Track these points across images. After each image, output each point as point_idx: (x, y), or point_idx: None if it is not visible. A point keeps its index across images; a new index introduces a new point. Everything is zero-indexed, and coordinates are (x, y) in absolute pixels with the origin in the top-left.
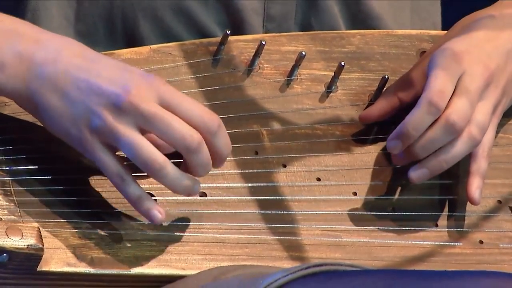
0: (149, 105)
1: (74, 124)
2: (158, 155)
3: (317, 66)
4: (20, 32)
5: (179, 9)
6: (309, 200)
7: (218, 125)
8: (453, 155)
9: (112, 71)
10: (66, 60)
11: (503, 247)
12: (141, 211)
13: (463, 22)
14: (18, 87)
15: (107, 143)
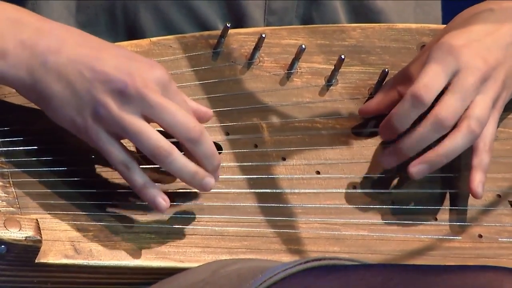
0: (155, 93)
1: (79, 113)
2: (164, 142)
3: (317, 59)
4: (24, 21)
5: (180, 2)
6: (308, 193)
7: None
8: (452, 149)
9: (117, 59)
10: (70, 49)
11: (502, 241)
12: (146, 198)
13: (462, 15)
14: (21, 76)
15: (112, 131)
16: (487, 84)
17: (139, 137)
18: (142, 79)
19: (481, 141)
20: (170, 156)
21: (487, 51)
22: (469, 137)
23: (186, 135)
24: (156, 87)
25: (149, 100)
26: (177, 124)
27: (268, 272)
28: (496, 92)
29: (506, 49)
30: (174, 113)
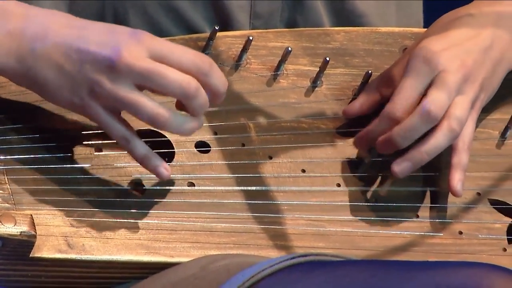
0: (143, 62)
1: (75, 94)
2: (160, 108)
3: (302, 61)
4: (8, 11)
5: (168, 6)
6: (294, 191)
7: (210, 65)
8: (433, 147)
9: (100, 35)
10: (55, 33)
11: (482, 237)
12: (149, 168)
13: (443, 20)
14: (12, 65)
15: (110, 106)
16: (466, 86)
17: (135, 108)
18: (127, 50)
19: (460, 141)
20: (168, 120)
21: (466, 55)
22: (449, 136)
23: (181, 93)
24: (143, 54)
25: (137, 69)
26: (169, 85)
27: (255, 267)
28: (475, 93)
29: (485, 53)
30: (165, 75)
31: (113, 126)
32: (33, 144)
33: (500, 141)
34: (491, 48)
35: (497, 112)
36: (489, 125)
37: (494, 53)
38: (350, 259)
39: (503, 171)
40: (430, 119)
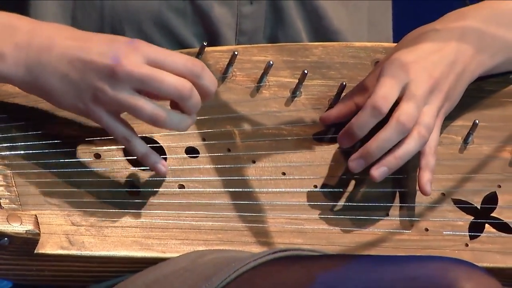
0: (141, 68)
1: (80, 100)
2: (158, 108)
3: (283, 74)
4: (15, 25)
5: (161, 23)
6: (275, 192)
7: (202, 67)
8: (406, 152)
9: (101, 45)
10: (60, 44)
11: (446, 234)
12: (149, 164)
13: (411, 35)
14: (21, 75)
15: (112, 110)
16: (433, 96)
17: (136, 110)
18: (126, 58)
19: (427, 145)
20: (166, 118)
21: (433, 67)
22: (420, 142)
23: (177, 95)
24: (140, 61)
25: (136, 75)
26: (166, 88)
27: (240, 261)
28: (441, 102)
29: (450, 66)
30: (161, 79)
31: (116, 128)
32: (38, 150)
33: (462, 146)
34: (455, 62)
35: (460, 120)
36: (453, 131)
37: (458, 67)
38: (326, 253)
39: (465, 173)
40: (403, 130)
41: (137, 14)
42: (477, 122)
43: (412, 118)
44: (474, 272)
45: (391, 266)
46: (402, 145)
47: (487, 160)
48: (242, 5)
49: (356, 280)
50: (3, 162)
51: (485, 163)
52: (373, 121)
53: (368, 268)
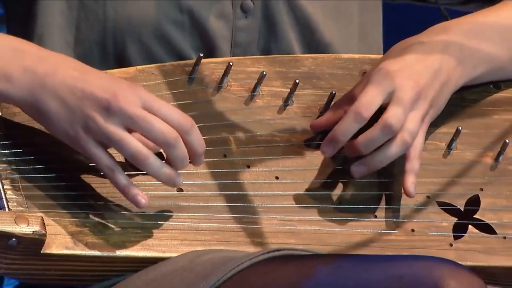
0: (134, 108)
1: (72, 126)
2: (142, 148)
3: (276, 84)
4: (25, 50)
5: (160, 35)
6: (269, 195)
7: (191, 125)
8: (387, 155)
9: (103, 80)
10: (64, 73)
11: (431, 234)
12: (128, 197)
13: (398, 46)
14: (24, 96)
15: (99, 140)
16: (418, 102)
17: (120, 144)
18: (123, 96)
19: (413, 150)
20: (147, 160)
21: (418, 75)
22: (402, 146)
23: (163, 140)
24: (136, 103)
25: (129, 113)
26: (154, 131)
27: (236, 260)
28: (425, 109)
29: (434, 75)
30: (151, 122)
31: (101, 158)
32: (43, 156)
33: (446, 152)
34: (439, 71)
35: (444, 127)
36: (437, 137)
37: (442, 76)
38: (318, 253)
39: (449, 177)
40: (390, 131)
41: (138, 27)
42: (460, 129)
43: (400, 121)
44: (458, 270)
45: (379, 265)
46: (385, 149)
47: (470, 165)
48: (238, 19)
49: (346, 279)
50: (11, 167)
51: (468, 168)
52: (356, 126)
53: (358, 267)
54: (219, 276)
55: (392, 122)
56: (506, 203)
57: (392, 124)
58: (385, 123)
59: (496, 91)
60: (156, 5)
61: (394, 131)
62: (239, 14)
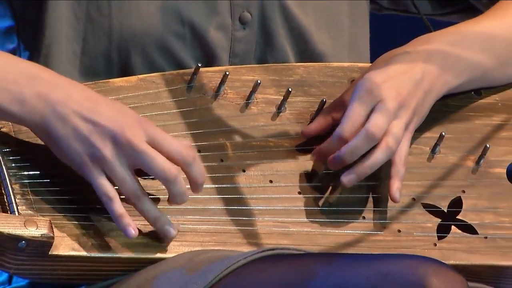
0: (140, 143)
1: (79, 153)
2: (139, 189)
3: (269, 91)
4: (40, 76)
5: (163, 46)
6: (263, 198)
7: (193, 158)
8: (374, 162)
9: (112, 112)
10: (75, 101)
11: (417, 235)
12: (120, 226)
13: (384, 57)
14: (35, 120)
15: (103, 169)
16: (401, 111)
17: (120, 182)
18: (130, 130)
19: (398, 156)
20: (140, 200)
21: (401, 86)
22: (387, 152)
23: (163, 177)
24: (142, 137)
25: (134, 147)
26: (155, 168)
27: (232, 259)
28: (409, 117)
29: (417, 84)
30: (154, 158)
31: (101, 185)
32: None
33: (430, 156)
34: (422, 81)
35: (428, 132)
36: (421, 142)
37: (425, 85)
38: (310, 252)
39: (433, 180)
40: (372, 139)
41: (141, 38)
42: (444, 134)
43: (381, 129)
44: (441, 268)
45: (366, 263)
46: (371, 156)
47: (453, 168)
48: (236, 30)
49: (335, 276)
50: (20, 174)
51: (451, 171)
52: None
53: (347, 265)
54: (216, 274)
55: (374, 130)
56: (487, 204)
57: (374, 132)
58: (368, 131)
59: (478, 98)
60: (159, 18)
61: (376, 138)
62: (238, 26)
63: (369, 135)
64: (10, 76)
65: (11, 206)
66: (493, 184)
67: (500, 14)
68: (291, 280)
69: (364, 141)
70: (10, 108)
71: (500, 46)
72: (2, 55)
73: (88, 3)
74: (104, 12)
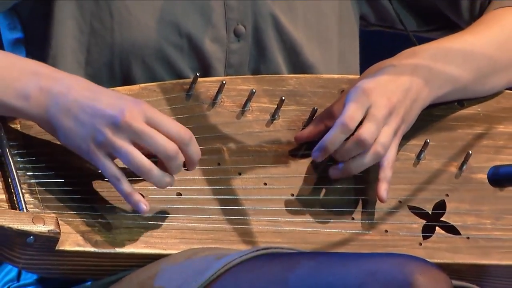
0: (139, 123)
1: (84, 140)
2: (145, 160)
3: (264, 100)
4: (41, 72)
5: (162, 57)
6: (258, 199)
7: (190, 137)
8: (359, 164)
9: (111, 99)
10: (76, 92)
11: (403, 235)
12: (131, 203)
13: (372, 68)
14: (40, 113)
15: (107, 153)
16: (391, 118)
17: (126, 157)
18: (130, 113)
19: (386, 161)
20: (150, 172)
21: (390, 93)
22: (374, 157)
23: (164, 153)
24: (141, 118)
25: (134, 128)
26: (156, 146)
27: (228, 257)
28: (397, 124)
29: (405, 92)
30: (154, 137)
31: (108, 168)
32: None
33: (416, 161)
34: (410, 90)
35: (414, 140)
36: (408, 149)
37: (412, 94)
38: (301, 251)
39: (418, 184)
40: (363, 145)
41: (142, 49)
42: (428, 141)
43: (372, 135)
44: (427, 267)
45: (355, 261)
46: (359, 158)
47: (437, 173)
48: (231, 42)
49: (326, 274)
50: (28, 173)
51: (435, 176)
52: (343, 136)
53: (336, 263)
54: (213, 271)
55: (366, 137)
56: (469, 207)
57: (365, 139)
58: (359, 138)
59: (460, 108)
60: (158, 31)
61: (367, 145)
62: (232, 38)
63: (360, 142)
64: (14, 73)
65: (20, 204)
66: (475, 189)
67: (479, 30)
68: (277, 275)
69: (355, 146)
70: (16, 103)
71: (479, 60)
72: (3, 54)
73: (92, 17)
74: (107, 25)
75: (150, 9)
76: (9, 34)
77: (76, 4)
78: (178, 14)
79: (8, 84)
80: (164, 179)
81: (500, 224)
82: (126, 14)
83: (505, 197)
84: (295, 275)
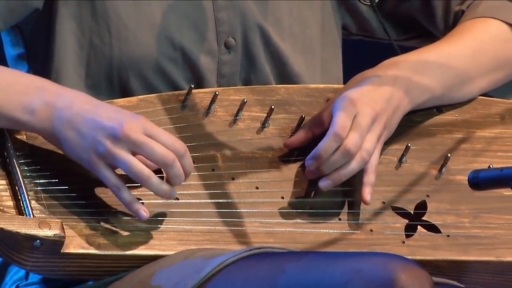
0: (138, 135)
1: (85, 151)
2: (145, 169)
3: (254, 109)
4: (46, 88)
5: (158, 70)
6: (251, 202)
7: (185, 150)
8: (348, 171)
9: (110, 112)
10: (78, 106)
11: (387, 234)
12: (132, 210)
13: (356, 78)
14: (45, 127)
15: (108, 163)
16: (374, 125)
17: (126, 166)
18: (128, 125)
19: (369, 165)
20: (149, 179)
21: (374, 102)
22: (361, 163)
23: (162, 161)
24: (139, 130)
25: (133, 139)
26: (154, 154)
27: (223, 256)
28: (380, 130)
29: (387, 101)
30: (152, 146)
31: (109, 177)
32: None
33: (398, 165)
34: (391, 99)
35: (396, 144)
36: (390, 153)
37: (394, 103)
38: (292, 250)
39: (401, 186)
40: (349, 155)
41: (139, 63)
42: (409, 145)
43: (357, 145)
44: (409, 265)
45: (341, 260)
46: (346, 165)
47: (418, 176)
48: (222, 54)
49: (314, 272)
50: (34, 181)
51: (416, 178)
52: (335, 145)
53: (324, 262)
54: (209, 270)
55: (351, 147)
56: (449, 207)
57: (350, 149)
58: (345, 148)
59: (439, 114)
60: (154, 45)
61: (352, 154)
62: (223, 50)
63: (345, 152)
64: (20, 89)
65: (26, 210)
66: (454, 190)
67: (454, 40)
68: (268, 273)
69: (341, 157)
70: (22, 117)
71: (454, 69)
72: (9, 71)
73: (91, 33)
74: (105, 41)
75: (147, 25)
76: (12, 50)
77: (76, 21)
78: (172, 29)
79: (14, 99)
80: (162, 187)
81: (477, 222)
82: (123, 30)
83: (482, 197)
84: (285, 273)
